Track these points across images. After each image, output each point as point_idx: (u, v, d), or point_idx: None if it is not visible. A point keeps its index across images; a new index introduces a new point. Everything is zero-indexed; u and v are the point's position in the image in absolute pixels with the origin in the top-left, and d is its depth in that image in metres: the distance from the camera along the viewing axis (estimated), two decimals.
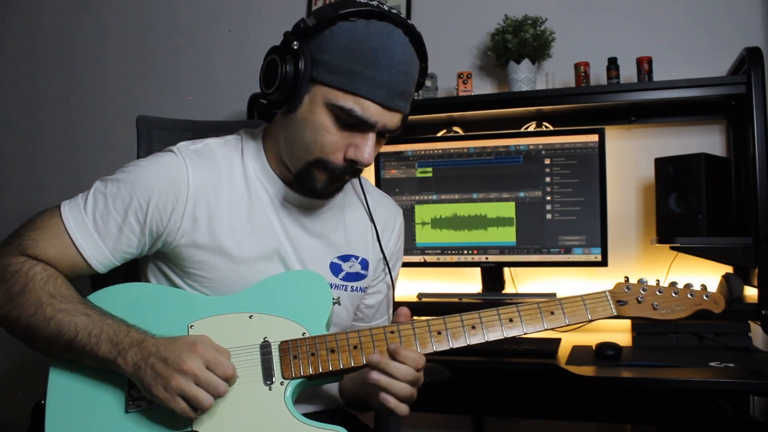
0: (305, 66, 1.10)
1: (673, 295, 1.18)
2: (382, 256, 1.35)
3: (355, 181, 1.35)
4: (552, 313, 1.15)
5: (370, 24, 1.09)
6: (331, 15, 1.09)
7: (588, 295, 1.17)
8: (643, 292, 1.17)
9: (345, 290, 1.31)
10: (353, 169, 1.16)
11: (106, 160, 2.74)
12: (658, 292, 1.18)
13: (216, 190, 1.19)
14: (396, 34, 1.11)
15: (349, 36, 1.08)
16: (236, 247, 1.19)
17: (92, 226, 1.15)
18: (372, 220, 1.35)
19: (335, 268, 1.30)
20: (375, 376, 1.07)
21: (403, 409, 1.08)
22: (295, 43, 1.10)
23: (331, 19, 1.09)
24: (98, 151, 2.81)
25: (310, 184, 1.17)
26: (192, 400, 1.01)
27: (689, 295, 1.18)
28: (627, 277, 1.19)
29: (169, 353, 1.02)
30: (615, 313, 1.16)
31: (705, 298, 1.18)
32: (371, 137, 1.12)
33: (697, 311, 1.18)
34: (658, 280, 1.20)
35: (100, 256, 1.15)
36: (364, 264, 1.33)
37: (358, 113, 1.09)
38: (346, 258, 1.31)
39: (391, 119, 1.12)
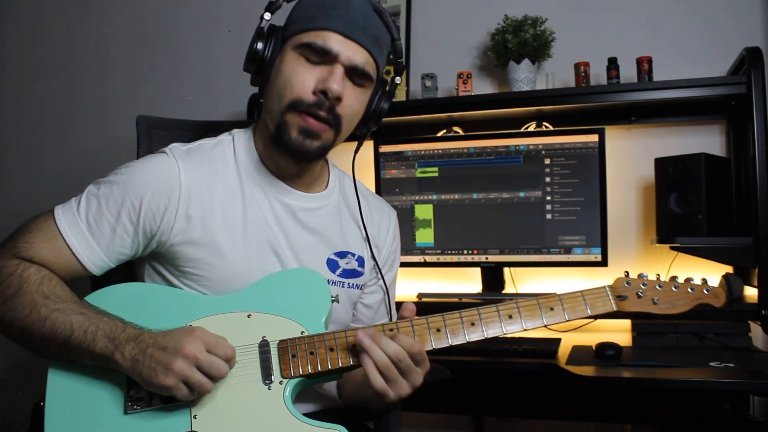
0: (277, 32, 1.20)
1: (674, 289, 1.17)
2: (375, 262, 1.36)
3: (350, 183, 1.37)
4: (551, 308, 1.14)
5: None
6: None
7: (588, 291, 1.16)
8: (643, 287, 1.17)
9: (343, 287, 1.31)
10: (325, 105, 1.16)
11: (105, 160, 2.71)
12: (658, 287, 1.17)
13: (209, 188, 1.19)
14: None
15: (312, 1, 1.19)
16: (231, 245, 1.19)
17: (86, 228, 1.15)
18: (364, 227, 1.34)
19: (332, 265, 1.30)
20: (363, 337, 1.06)
21: (381, 386, 1.06)
22: (265, 16, 1.20)
23: None
24: (98, 151, 2.81)
25: (286, 137, 1.17)
26: (195, 385, 1.02)
27: (689, 290, 1.17)
28: (627, 272, 1.19)
29: (168, 341, 1.03)
30: (615, 308, 1.16)
31: (705, 292, 1.17)
32: (338, 69, 1.16)
33: (698, 305, 1.17)
34: (658, 275, 1.19)
35: (95, 257, 1.16)
36: (361, 261, 1.34)
37: (320, 43, 1.15)
38: (342, 254, 1.32)
39: (354, 52, 1.17)
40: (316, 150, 1.19)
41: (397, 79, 1.31)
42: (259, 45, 1.18)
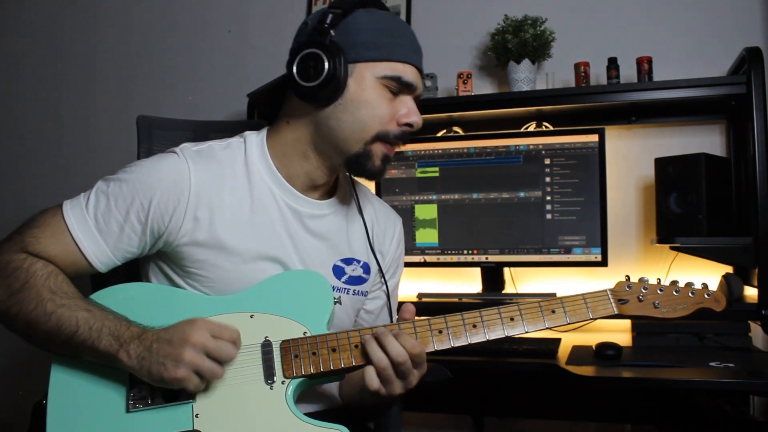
0: (339, 51, 1.16)
1: (674, 293, 1.18)
2: (379, 266, 1.37)
3: (358, 190, 1.38)
4: (553, 311, 1.15)
5: (382, 11, 1.23)
6: (349, 4, 1.20)
7: (589, 294, 1.17)
8: (644, 291, 1.18)
9: (347, 293, 1.31)
10: (407, 136, 1.22)
11: (106, 160, 2.75)
12: (659, 291, 1.18)
13: (218, 190, 1.19)
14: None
15: (370, 18, 1.20)
16: (237, 247, 1.19)
17: (94, 225, 1.15)
18: (367, 232, 1.35)
19: (338, 271, 1.30)
20: (369, 342, 1.08)
21: (375, 385, 1.07)
22: (331, 32, 1.17)
23: (352, 4, 1.20)
24: (98, 151, 2.81)
25: (370, 165, 1.20)
26: (206, 373, 1.03)
27: (690, 294, 1.18)
28: (628, 276, 1.20)
29: (172, 335, 1.04)
30: (616, 312, 1.16)
31: (706, 296, 1.18)
32: (412, 101, 1.22)
33: (699, 310, 1.19)
34: (659, 279, 1.20)
35: (101, 255, 1.16)
36: (366, 268, 1.34)
37: (406, 79, 1.19)
38: (348, 261, 1.32)
39: (420, 83, 1.23)
40: (386, 171, 1.25)
41: None
42: (335, 67, 1.15)
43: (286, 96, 1.27)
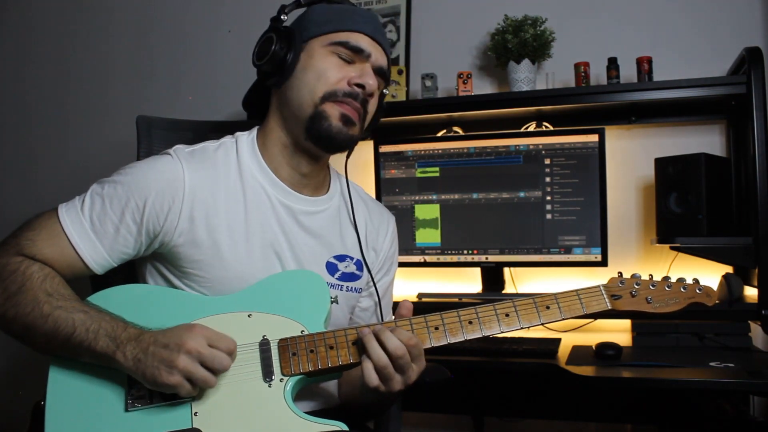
0: (293, 33, 1.23)
1: (666, 288, 1.20)
2: (374, 262, 1.38)
3: (350, 188, 1.38)
4: (547, 307, 1.16)
5: (341, 4, 1.29)
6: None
7: (583, 290, 1.19)
8: (636, 286, 1.20)
9: (341, 290, 1.32)
10: (360, 97, 1.22)
11: (106, 160, 2.74)
12: (651, 286, 1.20)
13: (212, 190, 1.20)
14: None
15: (325, 6, 1.27)
16: (233, 246, 1.20)
17: (89, 227, 1.15)
18: (357, 232, 1.35)
19: (331, 268, 1.31)
20: (367, 339, 1.08)
21: (374, 382, 1.07)
22: (282, 17, 1.24)
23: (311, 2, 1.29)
24: (98, 152, 2.81)
25: (326, 125, 1.20)
26: (199, 381, 1.03)
27: (682, 289, 1.20)
28: (620, 272, 1.22)
29: (169, 339, 1.04)
30: (609, 307, 1.18)
31: (698, 291, 1.21)
32: (369, 67, 1.24)
33: (690, 304, 1.21)
34: (651, 275, 1.22)
35: (97, 256, 1.16)
36: (359, 265, 1.35)
37: (353, 43, 1.22)
38: (341, 258, 1.33)
39: (380, 54, 1.26)
40: (353, 138, 1.24)
41: (386, 90, 1.36)
42: (280, 45, 1.21)
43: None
